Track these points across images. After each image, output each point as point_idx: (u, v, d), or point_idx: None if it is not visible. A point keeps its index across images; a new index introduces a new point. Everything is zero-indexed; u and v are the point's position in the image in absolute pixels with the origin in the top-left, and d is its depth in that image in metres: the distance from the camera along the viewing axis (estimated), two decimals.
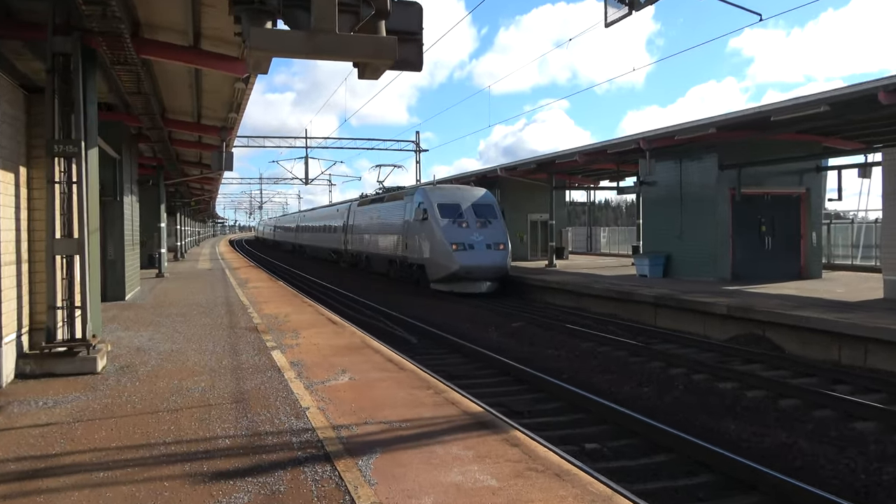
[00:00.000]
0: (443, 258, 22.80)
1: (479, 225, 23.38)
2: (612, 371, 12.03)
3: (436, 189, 25.39)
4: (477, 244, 22.73)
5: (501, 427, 6.62)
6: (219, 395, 7.83)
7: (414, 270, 25.42)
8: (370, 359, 9.84)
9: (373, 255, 31.46)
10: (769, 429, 8.75)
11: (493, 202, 24.78)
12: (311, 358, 9.86)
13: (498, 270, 22.74)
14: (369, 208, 32.88)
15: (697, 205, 21.47)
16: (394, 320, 17.78)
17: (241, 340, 11.39)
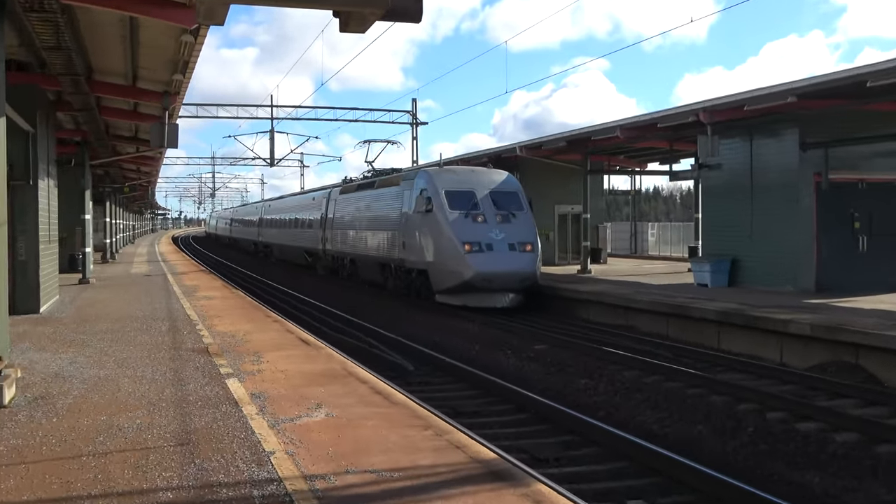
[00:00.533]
0: (452, 262, 22.23)
1: (499, 219, 22.81)
2: (662, 407, 12.02)
3: (443, 172, 24.78)
4: (496, 244, 22.16)
5: (521, 478, 6.62)
6: (159, 435, 7.84)
7: (413, 278, 24.84)
8: (353, 390, 9.85)
9: (359, 259, 30.83)
10: (863, 482, 8.74)
11: (517, 189, 24.30)
12: (277, 388, 9.87)
13: (524, 278, 22.24)
14: (355, 197, 32.14)
15: (773, 194, 21.47)
16: (384, 341, 17.79)
17: (187, 365, 11.40)
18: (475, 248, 21.95)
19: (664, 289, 22.15)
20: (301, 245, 41.30)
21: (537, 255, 22.72)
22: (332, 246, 35.01)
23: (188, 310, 18.52)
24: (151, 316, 17.32)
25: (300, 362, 11.73)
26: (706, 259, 23.33)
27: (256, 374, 10.83)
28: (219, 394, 9.55)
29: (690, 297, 19.74)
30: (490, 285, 21.88)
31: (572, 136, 26.88)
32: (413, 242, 24.32)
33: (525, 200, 23.97)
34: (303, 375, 10.72)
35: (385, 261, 27.30)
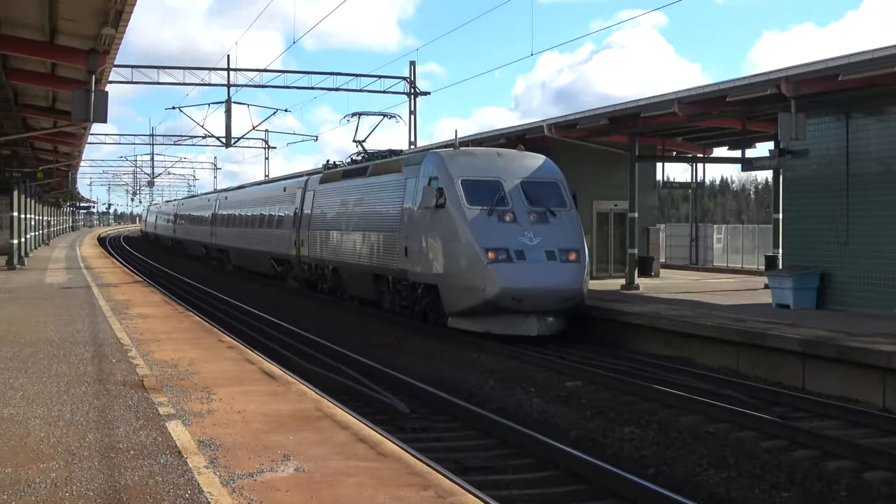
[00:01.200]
0: (470, 275, 21.58)
1: (533, 218, 22.26)
2: (729, 464, 12.00)
3: (459, 155, 24.22)
4: (530, 251, 21.56)
5: None
6: (80, 493, 7.83)
7: (419, 296, 24.34)
8: (331, 437, 9.83)
9: (345, 268, 30.37)
10: None
11: (558, 178, 23.83)
12: (232, 434, 9.86)
13: (566, 297, 21.63)
14: (340, 187, 31.71)
15: (875, 190, 21.44)
16: (372, 374, 17.78)
17: (116, 403, 11.39)
18: (501, 257, 21.26)
19: (733, 310, 22.12)
20: (267, 250, 40.78)
21: (584, 266, 22.20)
22: (308, 251, 34.32)
23: (118, 332, 18.53)
24: (71, 339, 17.32)
25: (263, 401, 11.71)
26: (788, 273, 23.29)
27: (206, 415, 10.82)
28: (157, 441, 9.54)
29: (767, 321, 19.72)
30: (521, 306, 21.17)
31: (617, 111, 26.92)
32: (418, 248, 23.73)
33: (568, 194, 23.48)
34: (266, 418, 10.71)
35: (381, 272, 26.82)
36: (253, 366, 14.66)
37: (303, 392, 12.52)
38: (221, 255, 53.14)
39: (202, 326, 20.12)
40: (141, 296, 27.81)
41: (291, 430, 10.17)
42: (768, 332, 18.02)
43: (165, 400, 11.63)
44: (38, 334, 17.98)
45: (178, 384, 12.79)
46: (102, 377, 13.27)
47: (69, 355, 15.32)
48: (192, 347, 16.55)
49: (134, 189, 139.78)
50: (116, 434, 9.83)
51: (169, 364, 14.52)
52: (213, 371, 13.97)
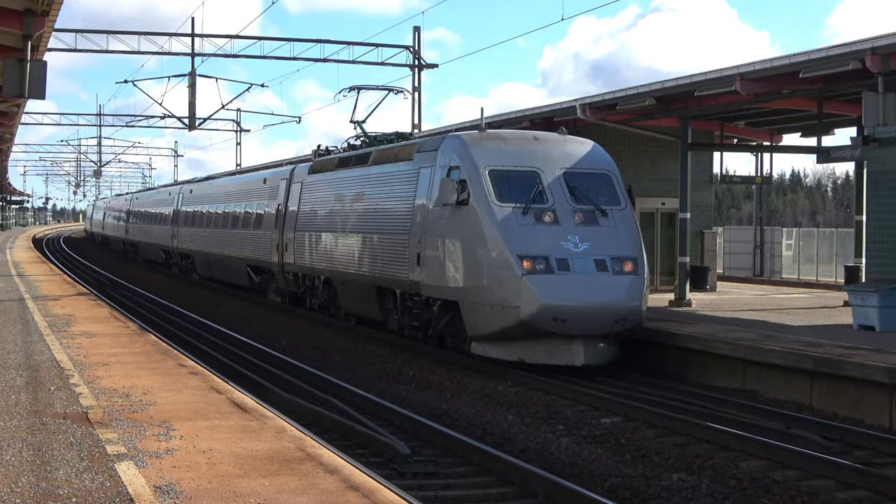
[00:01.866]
0: (500, 289, 20.68)
1: (579, 218, 21.47)
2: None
3: (486, 139, 23.24)
4: (576, 260, 20.72)
5: None
6: None
7: (434, 314, 23.47)
8: (316, 483, 9.85)
9: (342, 280, 29.57)
10: None
11: (609, 168, 23.21)
12: (196, 480, 9.87)
13: (621, 317, 20.76)
14: (335, 179, 31.03)
15: None
16: (365, 407, 17.82)
17: (56, 440, 11.40)
18: (539, 267, 20.37)
19: (805, 332, 22.10)
20: (243, 255, 40.23)
21: (643, 278, 21.49)
22: (295, 258, 33.48)
23: (58, 353, 18.55)
24: (0, 362, 17.36)
25: (234, 438, 11.72)
26: (873, 287, 23.22)
27: (164, 455, 10.82)
28: (105, 486, 9.55)
29: (846, 345, 19.68)
30: (564, 328, 20.24)
31: (665, 89, 26.92)
32: (434, 256, 22.84)
33: (622, 189, 22.80)
34: (237, 459, 10.72)
35: (386, 284, 26.08)
36: (221, 395, 14.66)
37: (282, 428, 12.52)
38: (185, 261, 52.70)
39: (160, 348, 20.14)
40: (86, 310, 27.84)
41: (268, 474, 10.17)
42: (848, 359, 17.96)
43: (115, 437, 11.63)
44: None
45: (130, 417, 12.79)
46: (38, 408, 13.28)
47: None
48: (147, 373, 16.54)
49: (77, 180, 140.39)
50: (56, 477, 9.83)
51: (119, 393, 14.52)
52: (172, 402, 13.97)
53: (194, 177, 67.20)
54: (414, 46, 45.87)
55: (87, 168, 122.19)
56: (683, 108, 28.14)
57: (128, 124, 78.80)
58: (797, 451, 14.43)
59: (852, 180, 37.83)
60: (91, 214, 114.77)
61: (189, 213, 51.82)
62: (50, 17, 18.70)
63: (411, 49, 45.88)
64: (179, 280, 50.94)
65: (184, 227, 52.62)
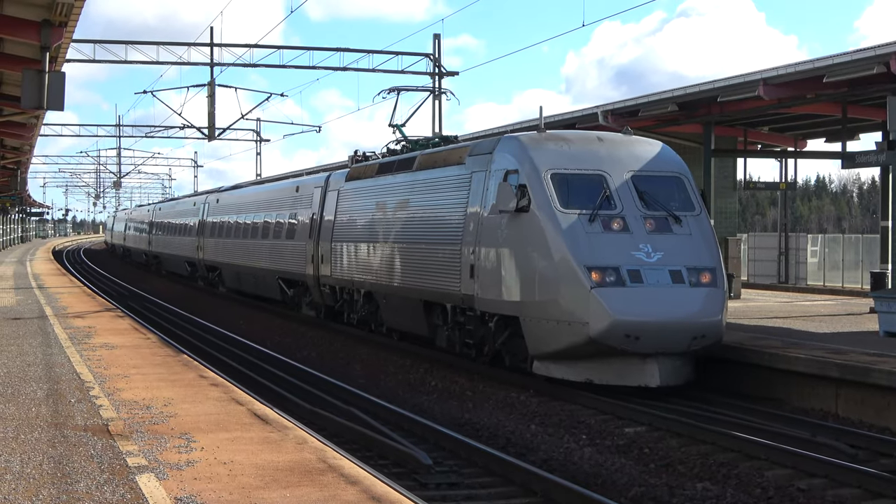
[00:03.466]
0: (566, 303, 19.18)
1: (650, 226, 19.98)
2: None
3: (546, 140, 21.63)
4: (649, 271, 19.25)
5: None
6: None
7: (491, 331, 21.82)
8: (337, 494, 9.84)
9: (384, 293, 27.82)
10: None
11: (681, 170, 21.66)
12: (217, 491, 9.88)
13: (700, 334, 19.26)
14: (376, 186, 29.25)
15: None
16: (386, 417, 17.82)
17: (76, 453, 11.41)
18: (609, 279, 18.89)
19: (831, 340, 22.02)
20: (274, 267, 38.68)
21: (724, 290, 20.10)
22: (332, 270, 31.69)
23: (78, 365, 18.59)
24: (20, 375, 17.40)
25: (254, 450, 11.73)
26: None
27: (185, 467, 10.83)
28: (125, 498, 9.56)
29: (873, 353, 19.61)
30: (637, 346, 18.73)
31: (688, 95, 26.90)
32: (490, 267, 21.32)
33: (696, 193, 21.38)
34: (258, 470, 10.72)
35: (435, 298, 24.44)
36: (242, 407, 14.68)
37: (303, 439, 12.52)
38: (212, 273, 51.33)
39: (180, 360, 20.16)
40: (106, 322, 27.89)
41: (289, 485, 10.17)
42: (874, 366, 17.89)
43: (135, 449, 11.65)
44: None
45: (150, 429, 12.81)
46: (59, 421, 13.31)
47: (18, 394, 15.38)
48: (167, 385, 16.57)
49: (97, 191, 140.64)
50: (76, 490, 9.85)
51: (140, 405, 14.56)
52: (193, 413, 14.01)
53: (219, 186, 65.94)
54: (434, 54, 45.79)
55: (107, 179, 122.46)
56: (706, 114, 28.14)
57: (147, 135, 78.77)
58: (823, 460, 14.38)
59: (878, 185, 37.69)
60: (112, 226, 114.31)
61: (216, 223, 50.26)
62: (68, 28, 18.74)
63: (431, 57, 45.83)
64: (205, 293, 50.67)
65: (210, 238, 51.15)
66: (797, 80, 23.60)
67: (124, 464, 10.92)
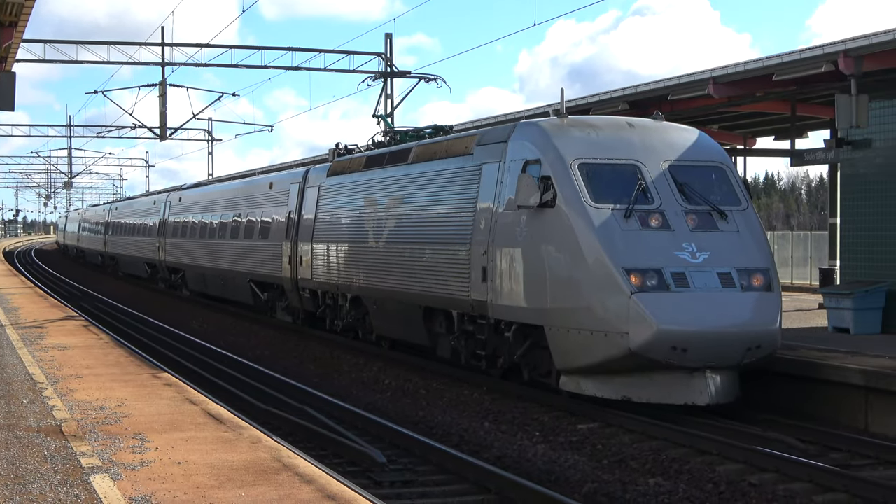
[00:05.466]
0: (602, 310, 16.77)
1: (692, 222, 17.60)
2: None
3: (572, 127, 19.17)
4: (695, 273, 16.91)
5: None
6: None
7: (508, 341, 19.28)
8: (292, 493, 9.86)
9: (375, 298, 25.34)
10: None
11: (723, 159, 19.44)
12: (172, 491, 9.88)
13: (755, 343, 16.91)
14: (362, 180, 26.93)
15: None
16: (341, 416, 17.86)
17: (29, 454, 11.38)
18: (651, 283, 16.52)
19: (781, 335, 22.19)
20: (245, 269, 36.40)
21: (779, 294, 17.78)
22: (312, 273, 29.38)
23: (30, 366, 18.51)
24: None
25: (209, 449, 11.72)
26: (847, 289, 23.31)
27: (139, 467, 10.82)
28: (79, 499, 9.55)
29: (822, 348, 19.80)
30: (685, 359, 16.31)
31: (639, 93, 27.01)
32: (508, 270, 18.88)
33: (741, 184, 19.15)
34: (213, 470, 10.72)
35: (439, 304, 21.94)
36: (196, 406, 14.66)
37: (257, 438, 12.53)
38: (174, 276, 49.47)
39: (134, 360, 20.11)
40: (59, 323, 27.77)
41: (244, 484, 10.18)
42: (824, 361, 18.07)
43: (89, 449, 11.63)
44: None
45: (104, 430, 12.78)
46: (11, 422, 13.25)
47: None
48: (121, 385, 16.53)
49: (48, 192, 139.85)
50: (30, 491, 9.83)
51: (93, 405, 14.52)
52: (147, 413, 13.98)
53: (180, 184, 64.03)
54: (386, 53, 45.78)
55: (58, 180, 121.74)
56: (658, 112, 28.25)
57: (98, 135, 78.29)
58: (773, 455, 14.50)
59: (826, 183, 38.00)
60: (64, 226, 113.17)
61: (178, 223, 48.39)
62: (18, 28, 18.65)
63: (383, 56, 45.77)
64: (166, 295, 49.53)
65: (172, 238, 49.18)
66: (747, 79, 23.76)
67: (78, 464, 10.90)
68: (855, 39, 20.82)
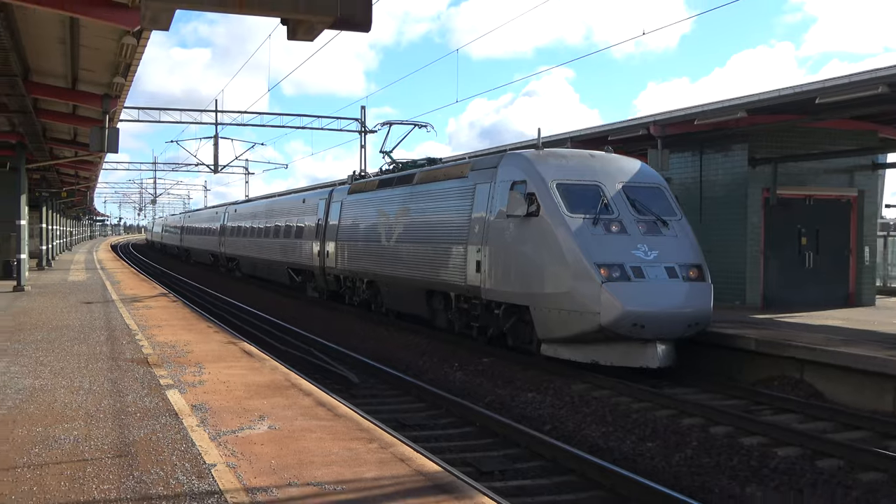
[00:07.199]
0: (579, 296, 15.13)
1: (643, 228, 16.09)
2: (608, 422, 12.22)
3: (548, 156, 17.52)
4: (648, 267, 15.40)
5: (465, 491, 6.74)
6: (97, 447, 7.82)
7: (497, 317, 17.64)
8: (297, 402, 9.90)
9: (386, 282, 23.55)
10: (804, 497, 9.00)
11: (661, 182, 17.61)
12: (218, 400, 9.89)
13: (694, 322, 15.32)
14: (377, 198, 24.94)
15: (722, 209, 21.92)
16: (331, 353, 17.83)
17: (126, 376, 11.35)
18: (615, 274, 15.06)
19: None
20: (284, 259, 34.50)
21: (710, 284, 15.87)
22: (336, 262, 27.61)
23: (128, 319, 18.38)
24: (89, 325, 17.17)
25: (243, 374, 11.74)
26: None
27: (198, 385, 10.82)
28: (158, 405, 9.54)
29: None
30: (642, 333, 14.88)
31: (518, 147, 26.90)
32: (499, 263, 17.39)
33: (675, 200, 17.37)
34: (245, 387, 10.74)
35: (438, 288, 20.21)
36: (235, 346, 14.64)
37: (275, 367, 12.54)
38: (231, 262, 47.39)
39: (196, 316, 19.97)
40: (146, 291, 27.54)
41: (266, 396, 10.22)
42: None
43: (165, 373, 11.61)
44: (62, 321, 17.79)
45: (174, 360, 12.76)
46: (115, 355, 13.21)
47: (88, 338, 15.20)
48: (186, 332, 16.47)
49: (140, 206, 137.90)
50: (126, 400, 9.82)
51: (167, 345, 14.48)
52: (203, 350, 13.96)
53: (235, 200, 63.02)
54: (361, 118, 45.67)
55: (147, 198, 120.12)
56: None
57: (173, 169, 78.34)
58: (609, 378, 14.63)
59: None
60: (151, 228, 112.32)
61: (234, 226, 46.48)
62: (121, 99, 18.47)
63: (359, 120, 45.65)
64: (223, 276, 47.39)
65: (230, 237, 47.26)
66: (592, 139, 23.85)
67: (158, 383, 10.87)
68: (661, 114, 21.05)
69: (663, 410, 12.80)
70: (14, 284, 26.06)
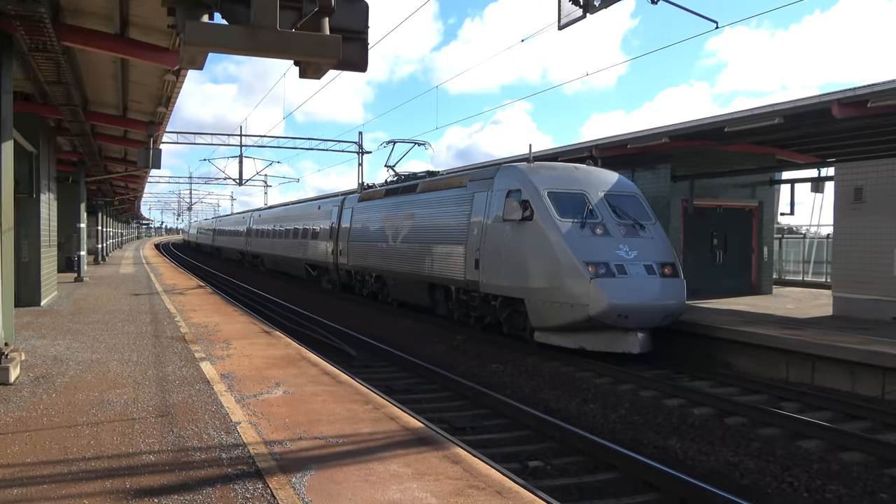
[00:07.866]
0: (570, 290, 14.19)
1: (623, 231, 15.17)
2: (559, 387, 12.27)
3: (539, 168, 16.54)
4: (630, 265, 14.44)
5: (442, 443, 6.76)
6: (143, 408, 7.77)
7: (495, 308, 16.60)
8: (306, 371, 9.88)
9: (393, 276, 22.35)
10: (715, 447, 9.07)
11: (637, 191, 16.61)
12: (242, 370, 9.84)
13: (670, 312, 14.35)
14: (383, 205, 23.72)
15: None
16: (335, 332, 17.78)
17: (167, 351, 11.28)
18: (601, 271, 14.11)
19: None
20: (303, 257, 33.15)
21: (683, 280, 14.86)
22: (348, 260, 26.31)
23: (168, 305, 18.25)
24: (137, 309, 17.04)
25: (262, 349, 11.69)
26: None
27: (225, 358, 10.77)
28: (193, 374, 9.49)
29: None
30: (625, 322, 13.99)
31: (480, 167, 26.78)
32: (496, 261, 16.31)
33: (649, 208, 16.40)
34: (265, 360, 10.70)
35: (440, 282, 19.03)
36: (256, 326, 14.57)
37: (289, 343, 12.50)
38: (256, 259, 46.05)
39: (225, 302, 19.84)
40: (183, 282, 27.34)
41: (281, 367, 10.18)
42: None
43: (199, 348, 11.55)
44: (115, 306, 17.65)
45: (207, 338, 12.69)
46: (158, 333, 13.12)
47: (135, 319, 15.09)
48: (217, 315, 16.37)
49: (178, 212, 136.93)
50: (167, 370, 9.76)
51: (201, 325, 14.39)
52: (230, 330, 13.87)
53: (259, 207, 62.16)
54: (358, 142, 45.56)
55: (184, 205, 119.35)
56: None
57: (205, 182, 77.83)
58: (557, 352, 14.63)
59: None
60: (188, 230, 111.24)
61: (258, 229, 45.24)
62: (163, 125, 18.33)
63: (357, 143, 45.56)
64: (249, 270, 46.32)
65: (255, 237, 45.92)
66: (546, 157, 23.85)
67: (193, 356, 10.81)
68: (601, 139, 21.05)
69: (603, 378, 12.88)
70: (75, 276, 25.88)
